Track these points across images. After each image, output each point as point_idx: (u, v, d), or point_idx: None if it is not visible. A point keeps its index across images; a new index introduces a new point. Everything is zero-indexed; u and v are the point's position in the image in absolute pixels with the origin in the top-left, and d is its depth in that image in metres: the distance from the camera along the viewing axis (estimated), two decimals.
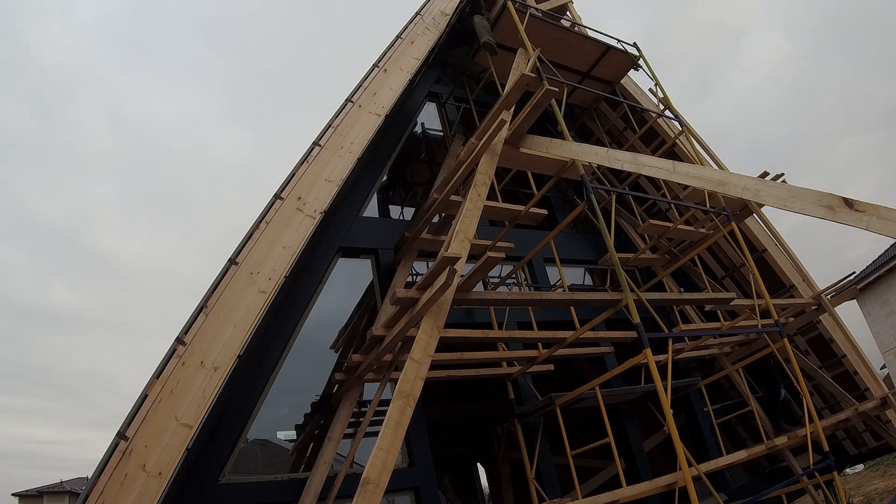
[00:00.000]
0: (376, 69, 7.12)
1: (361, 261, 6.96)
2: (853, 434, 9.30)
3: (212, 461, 4.80)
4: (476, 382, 7.57)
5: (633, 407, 7.90)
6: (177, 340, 4.39)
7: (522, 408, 6.80)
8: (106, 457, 3.76)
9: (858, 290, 13.88)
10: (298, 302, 5.96)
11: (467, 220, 5.00)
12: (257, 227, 5.26)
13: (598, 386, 5.97)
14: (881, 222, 3.61)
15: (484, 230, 7.24)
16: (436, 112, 9.09)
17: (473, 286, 5.13)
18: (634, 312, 5.04)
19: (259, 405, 5.30)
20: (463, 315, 7.09)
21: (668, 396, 4.78)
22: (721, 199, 7.20)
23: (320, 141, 6.15)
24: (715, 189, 5.06)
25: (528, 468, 6.37)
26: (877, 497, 12.97)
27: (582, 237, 9.40)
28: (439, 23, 8.32)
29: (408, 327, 4.76)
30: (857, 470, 18.52)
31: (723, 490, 7.44)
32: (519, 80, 6.06)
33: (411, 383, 3.93)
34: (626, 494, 5.65)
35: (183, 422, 4.07)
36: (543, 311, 7.49)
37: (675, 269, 8.09)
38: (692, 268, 9.37)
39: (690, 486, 4.54)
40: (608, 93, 9.56)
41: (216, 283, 4.80)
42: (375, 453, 3.53)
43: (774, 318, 6.57)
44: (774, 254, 9.13)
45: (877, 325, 20.36)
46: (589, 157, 5.77)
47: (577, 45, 8.99)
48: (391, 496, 5.73)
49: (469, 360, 6.49)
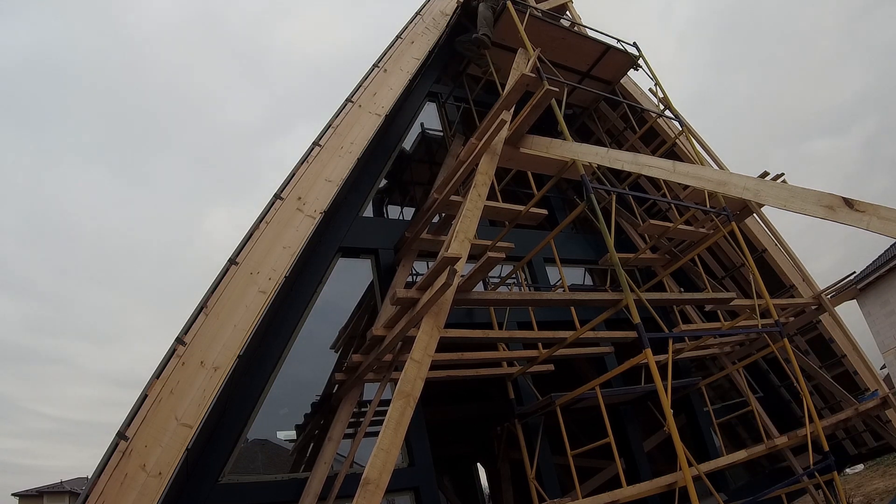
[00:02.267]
0: (376, 69, 7.12)
1: (361, 261, 6.96)
2: (853, 434, 9.30)
3: (212, 461, 4.80)
4: (476, 382, 7.57)
5: (633, 407, 7.90)
6: (177, 340, 4.39)
7: (522, 408, 6.80)
8: (106, 457, 3.76)
9: (858, 290, 13.90)
10: (298, 302, 5.96)
11: (467, 220, 4.99)
12: (257, 227, 5.26)
13: (599, 386, 5.97)
14: (881, 222, 3.61)
15: (484, 230, 7.24)
16: (436, 112, 9.09)
17: (473, 286, 5.13)
18: (634, 312, 5.03)
19: (259, 405, 5.30)
20: (463, 315, 7.09)
21: (668, 396, 4.78)
22: (721, 199, 7.20)
23: (320, 141, 6.15)
24: (715, 189, 5.06)
25: (528, 468, 6.37)
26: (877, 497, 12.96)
27: (582, 237, 9.40)
28: (439, 23, 8.33)
29: (408, 327, 4.76)
30: (857, 470, 18.50)
31: (723, 490, 7.44)
32: (519, 80, 6.05)
33: (411, 383, 3.92)
34: (627, 494, 5.64)
35: (183, 422, 4.07)
36: (543, 311, 7.49)
37: (675, 269, 8.09)
38: (692, 268, 9.37)
39: (690, 486, 4.54)
40: (608, 93, 9.56)
41: (216, 283, 4.80)
42: (375, 453, 3.53)
43: (774, 318, 6.57)
44: (774, 254, 9.13)
45: (877, 325, 20.35)
46: (589, 157, 5.77)
47: (577, 44, 8.98)
48: (391, 496, 5.73)
49: (469, 360, 6.49)
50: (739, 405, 8.60)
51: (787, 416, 9.12)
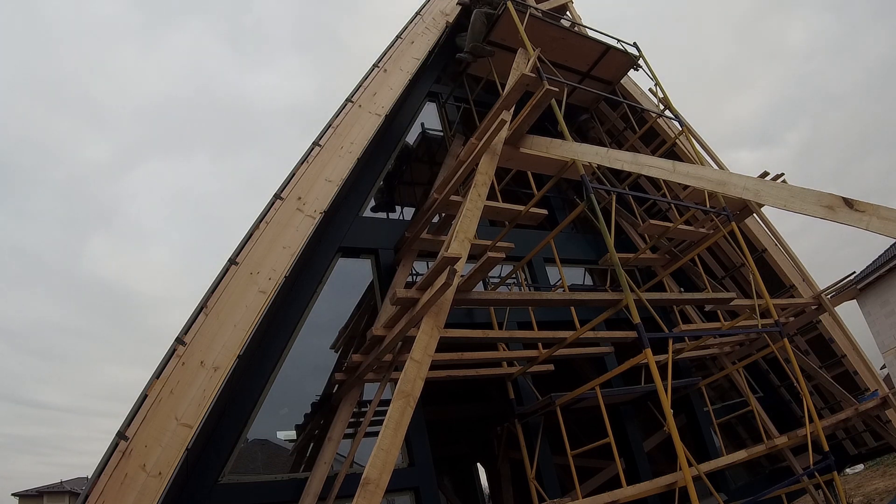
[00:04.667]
0: (376, 69, 7.12)
1: (361, 261, 6.96)
2: (853, 434, 9.30)
3: (212, 461, 4.80)
4: (476, 382, 7.57)
5: (633, 407, 7.90)
6: (177, 340, 4.39)
7: (522, 408, 6.80)
8: (106, 457, 3.76)
9: (858, 290, 13.89)
10: (298, 302, 5.96)
11: (467, 220, 5.00)
12: (257, 227, 5.26)
13: (599, 386, 5.97)
14: (881, 222, 3.61)
15: (484, 230, 7.24)
16: (436, 112, 9.09)
17: (473, 286, 5.13)
18: (634, 312, 5.03)
19: (259, 405, 5.30)
20: (463, 315, 7.09)
21: (668, 396, 4.78)
22: (721, 199, 7.20)
23: (320, 141, 6.15)
24: (715, 189, 5.06)
25: (528, 468, 6.37)
26: (877, 497, 12.96)
27: (582, 237, 9.40)
28: (439, 23, 8.33)
29: (408, 327, 4.76)
30: (857, 470, 18.52)
31: (723, 490, 7.44)
32: (519, 80, 6.06)
33: (411, 383, 3.92)
34: (627, 494, 5.65)
35: (183, 422, 4.07)
36: (543, 311, 7.49)
37: (675, 269, 8.09)
38: (692, 268, 9.37)
39: (690, 486, 4.54)
40: (608, 93, 9.56)
41: (216, 283, 4.80)
42: (375, 453, 3.53)
43: (774, 318, 6.57)
44: (774, 254, 9.13)
45: (877, 325, 20.34)
46: (589, 157, 5.77)
47: (577, 44, 8.98)
48: (391, 496, 5.73)
49: (469, 360, 6.49)
50: (739, 405, 8.60)
51: (787, 416, 9.13)
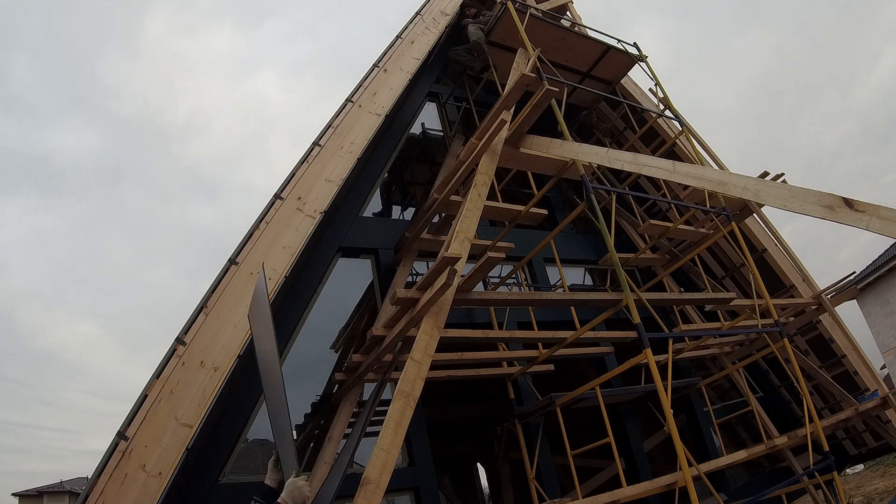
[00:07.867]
0: (376, 69, 7.12)
1: (361, 261, 6.96)
2: (853, 434, 9.30)
3: (212, 461, 4.79)
4: (476, 382, 7.57)
5: (633, 407, 7.90)
6: (177, 340, 4.39)
7: (522, 408, 6.80)
8: (106, 457, 3.76)
9: (858, 290, 13.87)
10: (298, 302, 5.96)
11: (467, 220, 4.99)
12: (257, 227, 5.26)
13: (599, 386, 5.97)
14: (881, 222, 3.61)
15: (484, 230, 7.24)
16: (436, 112, 9.09)
17: (474, 286, 5.13)
18: (635, 312, 5.03)
19: (259, 405, 5.29)
20: (463, 315, 7.09)
21: (668, 396, 4.78)
22: (721, 199, 7.20)
23: (320, 141, 6.15)
24: (715, 189, 5.06)
25: (528, 468, 6.37)
26: (877, 497, 12.97)
27: (582, 237, 9.40)
28: (439, 23, 8.33)
29: (408, 327, 4.76)
30: (857, 470, 18.53)
31: (723, 490, 7.44)
32: (519, 80, 6.06)
33: (411, 383, 3.92)
34: (627, 494, 5.65)
35: (183, 422, 4.08)
36: (543, 311, 7.49)
37: (675, 269, 8.10)
38: (692, 268, 9.37)
39: (690, 486, 4.54)
40: (608, 93, 9.56)
41: (216, 283, 4.80)
42: (375, 453, 3.53)
43: (774, 318, 6.57)
44: (774, 254, 9.12)
45: (877, 325, 20.31)
46: (589, 157, 5.77)
47: (578, 45, 8.98)
48: (391, 496, 5.73)
49: (469, 360, 6.49)
50: (739, 405, 8.60)
51: (787, 416, 9.13)
